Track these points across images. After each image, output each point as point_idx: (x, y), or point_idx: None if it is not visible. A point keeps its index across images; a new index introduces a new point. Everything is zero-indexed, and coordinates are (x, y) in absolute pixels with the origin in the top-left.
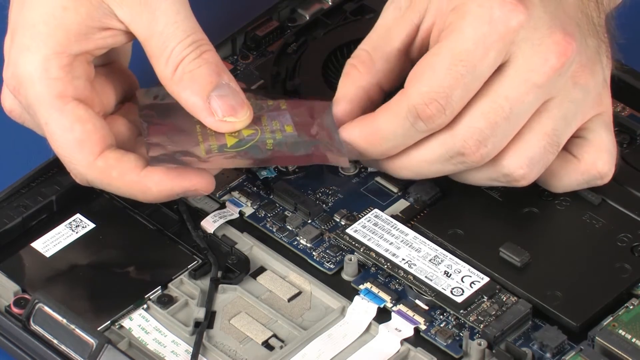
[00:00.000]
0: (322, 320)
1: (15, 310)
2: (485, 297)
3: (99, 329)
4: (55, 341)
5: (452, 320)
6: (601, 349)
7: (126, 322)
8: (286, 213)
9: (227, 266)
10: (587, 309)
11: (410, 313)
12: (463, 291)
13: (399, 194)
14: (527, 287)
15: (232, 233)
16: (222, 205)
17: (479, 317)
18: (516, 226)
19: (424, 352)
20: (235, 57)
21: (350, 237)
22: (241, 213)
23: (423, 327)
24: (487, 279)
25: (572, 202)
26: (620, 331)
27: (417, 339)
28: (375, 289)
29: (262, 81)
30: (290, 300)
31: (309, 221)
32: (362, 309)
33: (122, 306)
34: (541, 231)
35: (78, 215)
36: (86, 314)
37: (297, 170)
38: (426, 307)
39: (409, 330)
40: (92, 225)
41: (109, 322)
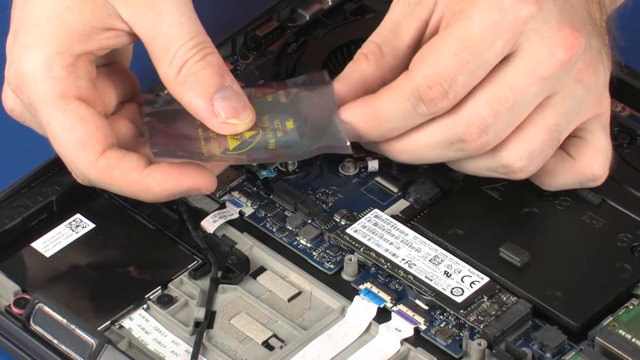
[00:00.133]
0: (322, 320)
1: (15, 310)
2: (485, 297)
3: (99, 329)
4: (55, 341)
5: (452, 320)
6: (601, 349)
7: (126, 322)
8: (286, 213)
9: (227, 266)
10: (587, 309)
11: (410, 313)
12: (463, 291)
13: (399, 194)
14: (527, 287)
15: (232, 233)
16: (222, 205)
17: (479, 317)
18: (516, 226)
19: (424, 352)
20: (235, 57)
21: (350, 237)
22: (241, 213)
23: (423, 327)
24: (487, 279)
25: (572, 202)
26: (620, 331)
27: (417, 339)
28: (375, 289)
29: (262, 81)
30: (290, 300)
31: (309, 221)
32: (362, 309)
33: (122, 306)
34: (541, 231)
35: (78, 215)
36: (86, 314)
37: (297, 170)
38: (426, 307)
39: (409, 330)
40: (92, 225)
41: (109, 322)
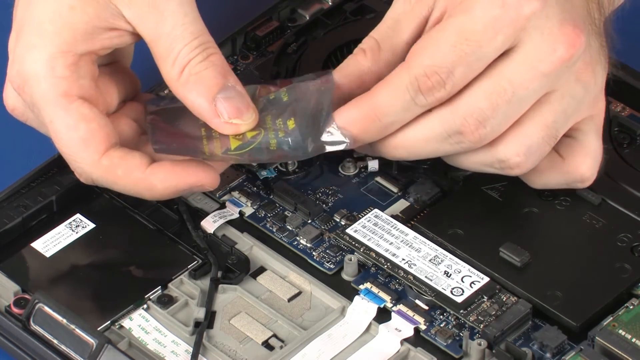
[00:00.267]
0: (322, 320)
1: (15, 310)
2: (485, 297)
3: (99, 329)
4: (55, 341)
5: (452, 320)
6: (601, 349)
7: (126, 322)
8: (286, 213)
9: (227, 266)
10: (587, 309)
11: (410, 313)
12: (463, 291)
13: (399, 194)
14: (527, 287)
15: (232, 233)
16: (222, 205)
17: (479, 317)
18: (516, 226)
19: (424, 352)
20: (235, 57)
21: (350, 237)
22: (241, 213)
23: (423, 327)
24: (487, 279)
25: (572, 202)
26: (620, 331)
27: (417, 339)
28: (375, 289)
29: (263, 81)
30: (290, 300)
31: (309, 221)
32: (362, 309)
33: (122, 306)
34: (541, 231)
35: (78, 215)
36: (86, 314)
37: (297, 170)
38: (426, 307)
39: (409, 330)
40: (92, 225)
41: (109, 322)
